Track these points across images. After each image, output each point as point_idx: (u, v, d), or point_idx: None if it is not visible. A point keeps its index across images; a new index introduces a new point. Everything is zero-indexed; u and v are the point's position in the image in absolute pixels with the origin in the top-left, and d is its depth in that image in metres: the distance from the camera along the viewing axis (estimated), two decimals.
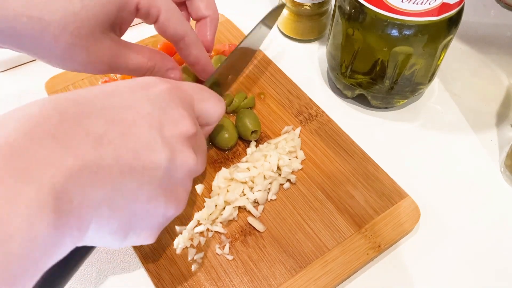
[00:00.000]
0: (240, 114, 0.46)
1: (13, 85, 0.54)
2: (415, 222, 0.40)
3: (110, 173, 0.22)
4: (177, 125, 0.27)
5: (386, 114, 0.51)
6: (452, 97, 0.53)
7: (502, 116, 0.51)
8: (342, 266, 0.38)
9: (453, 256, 0.40)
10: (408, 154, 0.47)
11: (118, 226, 0.24)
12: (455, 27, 0.43)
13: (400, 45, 0.42)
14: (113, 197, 0.22)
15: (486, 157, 0.47)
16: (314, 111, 0.49)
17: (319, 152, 0.45)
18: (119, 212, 0.23)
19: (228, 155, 0.45)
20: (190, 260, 0.38)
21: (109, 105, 0.24)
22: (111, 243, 0.25)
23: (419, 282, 0.39)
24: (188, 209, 0.41)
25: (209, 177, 0.43)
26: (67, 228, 0.20)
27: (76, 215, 0.21)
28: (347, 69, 0.48)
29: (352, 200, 0.42)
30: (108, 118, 0.23)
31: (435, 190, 0.44)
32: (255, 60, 0.54)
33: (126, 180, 0.23)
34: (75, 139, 0.21)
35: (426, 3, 0.39)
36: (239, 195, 0.40)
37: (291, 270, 0.37)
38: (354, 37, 0.44)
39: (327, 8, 0.56)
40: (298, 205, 0.41)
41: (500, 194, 0.44)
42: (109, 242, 0.25)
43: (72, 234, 0.21)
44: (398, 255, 0.40)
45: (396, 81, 0.46)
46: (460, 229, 0.42)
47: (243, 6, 0.64)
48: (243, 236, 0.39)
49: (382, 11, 0.40)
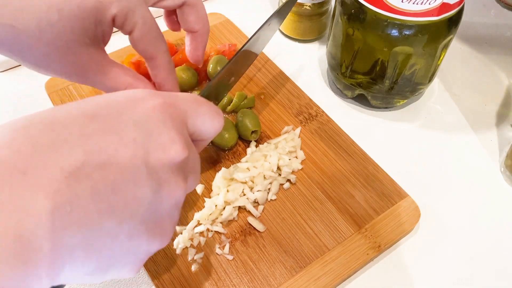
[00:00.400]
0: (240, 114, 0.46)
1: (13, 85, 0.54)
2: (415, 222, 0.40)
3: (85, 212, 0.20)
4: (166, 151, 0.24)
5: (386, 114, 0.51)
6: (452, 97, 0.53)
7: (502, 116, 0.51)
8: (342, 266, 0.38)
9: (453, 256, 0.40)
10: (408, 154, 0.47)
11: (95, 267, 0.22)
12: (455, 27, 0.43)
13: (400, 45, 0.42)
14: (89, 239, 0.20)
15: (486, 157, 0.47)
16: (314, 111, 0.49)
17: (319, 152, 0.45)
18: (96, 254, 0.21)
19: (228, 155, 0.45)
20: (190, 260, 0.38)
21: (88, 132, 0.21)
22: (89, 281, 0.23)
23: (419, 282, 0.39)
24: (188, 209, 0.41)
25: (209, 177, 0.43)
26: (35, 277, 0.18)
27: (46, 262, 0.19)
28: (347, 69, 0.48)
29: (352, 200, 0.42)
30: (86, 148, 0.21)
31: (435, 190, 0.44)
32: (255, 60, 0.54)
33: (104, 220, 0.20)
34: (46, 175, 0.19)
35: (426, 3, 0.39)
36: (239, 195, 0.40)
37: (291, 270, 0.37)
38: (354, 37, 0.44)
39: (327, 8, 0.56)
40: (298, 205, 0.41)
41: (500, 194, 0.44)
42: (87, 281, 0.23)
43: (41, 281, 0.19)
44: (398, 255, 0.40)
45: (396, 81, 0.46)
46: (460, 229, 0.42)
47: (243, 6, 0.64)
48: (243, 236, 0.39)
49: (382, 11, 0.40)
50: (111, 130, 0.22)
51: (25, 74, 0.54)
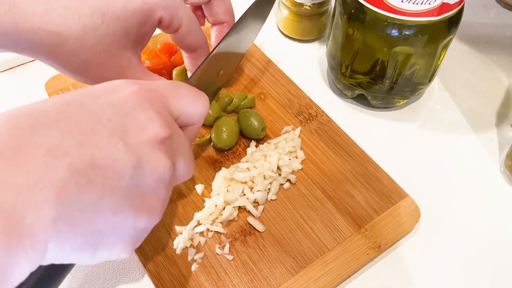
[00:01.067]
0: (245, 115, 0.46)
1: (13, 85, 0.54)
2: (415, 222, 0.40)
3: (64, 187, 0.21)
4: (144, 129, 0.25)
5: (386, 114, 0.51)
6: (452, 97, 0.53)
7: (502, 116, 0.51)
8: (342, 266, 0.38)
9: (453, 256, 0.40)
10: (408, 154, 0.47)
11: (82, 242, 0.22)
12: (455, 27, 0.43)
13: (400, 45, 0.42)
14: (70, 212, 0.21)
15: (486, 157, 0.47)
16: (314, 111, 0.49)
17: (319, 152, 0.45)
18: (79, 228, 0.22)
19: (228, 155, 0.45)
20: (190, 260, 0.38)
21: (65, 115, 0.23)
22: (80, 260, 0.24)
23: (419, 282, 0.39)
24: (188, 209, 0.41)
25: (209, 177, 0.43)
26: (19, 249, 0.19)
27: (29, 234, 0.19)
28: (347, 69, 0.48)
29: (352, 200, 0.42)
30: (63, 129, 0.22)
31: (435, 190, 0.44)
32: (255, 60, 0.54)
33: (84, 194, 0.21)
34: (25, 154, 0.20)
35: (426, 3, 0.39)
36: (239, 195, 0.40)
37: (291, 270, 0.37)
38: (354, 37, 0.44)
39: (327, 8, 0.56)
40: (298, 205, 0.41)
41: (500, 194, 0.44)
42: (77, 259, 0.23)
43: (27, 255, 0.20)
44: (398, 255, 0.40)
45: (396, 81, 0.46)
46: (460, 229, 0.42)
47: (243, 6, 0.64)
48: (243, 236, 0.39)
49: (382, 11, 0.40)
50: (87, 112, 0.23)
51: (25, 74, 0.54)
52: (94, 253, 0.23)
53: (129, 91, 0.26)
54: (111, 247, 0.24)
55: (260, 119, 0.45)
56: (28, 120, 0.21)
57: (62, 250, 0.22)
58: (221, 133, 0.43)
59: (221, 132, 0.44)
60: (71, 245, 0.22)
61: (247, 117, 0.45)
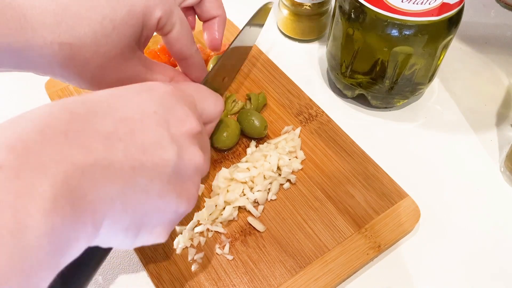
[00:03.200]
0: (247, 114, 0.45)
1: (13, 85, 0.54)
2: (415, 222, 0.40)
3: (121, 168, 0.22)
4: (183, 123, 0.27)
5: (386, 114, 0.51)
6: (452, 97, 0.53)
7: (502, 116, 0.51)
8: (342, 266, 0.38)
9: (452, 256, 0.40)
10: (408, 154, 0.47)
11: (130, 222, 0.24)
12: (455, 27, 0.43)
13: (400, 45, 0.42)
14: (125, 193, 0.23)
15: (486, 157, 0.47)
16: (314, 111, 0.49)
17: (319, 152, 0.45)
18: (131, 208, 0.24)
19: (228, 155, 0.45)
20: (190, 260, 0.38)
21: (115, 105, 0.25)
22: (123, 241, 0.25)
23: (419, 282, 0.39)
24: None
25: (209, 177, 0.43)
26: (81, 222, 0.21)
27: (90, 209, 0.21)
28: (347, 69, 0.48)
29: (352, 200, 0.42)
30: (115, 117, 0.24)
31: (435, 190, 0.44)
32: (255, 60, 0.54)
33: (137, 176, 0.23)
34: (85, 137, 0.22)
35: (426, 3, 0.39)
36: (239, 195, 0.40)
37: (291, 270, 0.37)
38: (354, 37, 0.44)
39: (327, 8, 0.56)
40: (298, 205, 0.41)
41: (500, 194, 0.44)
42: (121, 239, 0.25)
43: (86, 229, 0.21)
44: (398, 255, 0.40)
45: (396, 81, 0.46)
46: (460, 229, 0.42)
47: (243, 6, 0.64)
48: (243, 236, 0.39)
49: (382, 11, 0.40)
50: (135, 104, 0.26)
51: (25, 74, 0.54)
52: (136, 235, 0.25)
53: (164, 89, 0.28)
54: (151, 229, 0.26)
55: (261, 118, 0.45)
56: (85, 107, 0.23)
57: (112, 230, 0.23)
58: (221, 134, 0.43)
59: (221, 132, 0.44)
60: (120, 225, 0.24)
61: (248, 116, 0.45)
